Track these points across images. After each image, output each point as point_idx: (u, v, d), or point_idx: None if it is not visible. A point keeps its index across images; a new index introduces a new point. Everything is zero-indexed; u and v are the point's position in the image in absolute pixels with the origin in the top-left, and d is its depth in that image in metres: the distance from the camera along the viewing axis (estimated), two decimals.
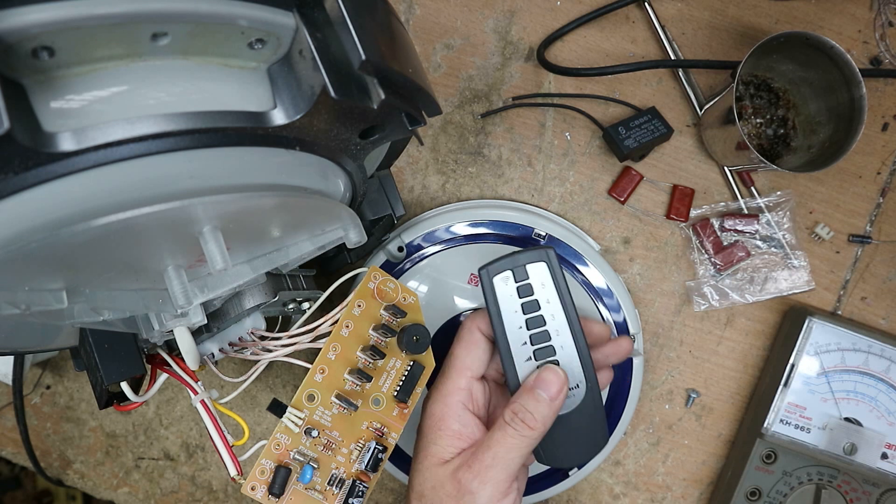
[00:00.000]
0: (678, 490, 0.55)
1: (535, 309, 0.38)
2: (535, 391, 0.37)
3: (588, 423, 0.39)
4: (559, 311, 0.38)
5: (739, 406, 0.54)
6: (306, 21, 0.25)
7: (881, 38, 0.53)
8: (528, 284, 0.38)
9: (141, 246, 0.26)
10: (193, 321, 0.33)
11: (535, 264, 0.38)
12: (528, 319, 0.38)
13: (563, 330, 0.38)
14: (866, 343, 0.51)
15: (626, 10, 0.52)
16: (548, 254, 0.38)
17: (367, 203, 0.42)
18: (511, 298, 0.38)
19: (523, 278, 0.38)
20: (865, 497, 0.51)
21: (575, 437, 0.40)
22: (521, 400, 0.37)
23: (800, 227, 0.53)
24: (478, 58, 0.52)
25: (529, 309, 0.38)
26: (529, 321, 0.38)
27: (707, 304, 0.53)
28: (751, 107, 0.52)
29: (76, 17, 0.20)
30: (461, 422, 0.39)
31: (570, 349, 0.38)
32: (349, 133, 0.28)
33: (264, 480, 0.36)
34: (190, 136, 0.23)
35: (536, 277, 0.38)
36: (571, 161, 0.53)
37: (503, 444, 0.37)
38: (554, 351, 0.38)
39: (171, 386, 0.54)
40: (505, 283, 0.38)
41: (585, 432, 0.40)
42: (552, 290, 0.38)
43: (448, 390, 0.39)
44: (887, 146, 0.53)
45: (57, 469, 0.55)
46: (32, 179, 0.21)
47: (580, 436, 0.40)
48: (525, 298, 0.38)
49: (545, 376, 0.37)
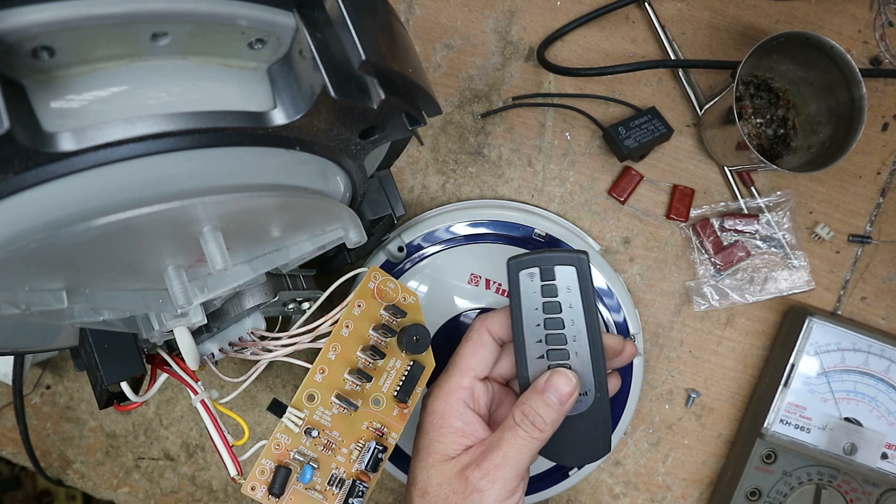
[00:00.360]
0: (678, 490, 0.55)
1: (557, 311, 0.38)
2: (546, 395, 0.37)
3: (592, 430, 0.39)
4: (580, 318, 0.38)
5: (739, 406, 0.54)
6: (306, 21, 0.25)
7: (881, 38, 0.53)
8: (553, 285, 0.38)
9: (141, 246, 0.26)
10: (193, 321, 0.33)
11: (564, 267, 0.38)
12: (547, 319, 0.38)
13: (580, 338, 0.38)
14: (866, 343, 0.51)
15: (626, 10, 0.52)
16: (580, 259, 0.38)
17: (367, 203, 0.42)
18: (534, 295, 0.38)
19: (550, 278, 0.38)
20: (865, 497, 0.51)
21: (576, 440, 0.40)
22: (531, 402, 0.37)
23: (800, 227, 0.53)
24: (478, 58, 0.52)
25: (550, 309, 0.38)
26: (548, 321, 0.38)
27: (707, 304, 0.53)
28: (751, 107, 0.52)
29: (76, 17, 0.20)
30: (463, 419, 0.39)
31: (585, 357, 0.38)
32: (349, 133, 0.28)
33: (264, 480, 0.36)
34: (190, 136, 0.23)
35: (563, 280, 0.38)
36: (571, 161, 0.53)
37: (513, 444, 0.37)
38: (568, 355, 0.38)
39: (171, 386, 0.54)
40: (530, 278, 0.38)
41: (588, 437, 0.40)
42: (577, 295, 0.38)
43: (450, 388, 0.40)
44: (887, 146, 0.53)
45: (57, 469, 0.55)
46: (32, 179, 0.21)
47: (582, 439, 0.40)
48: (547, 298, 0.38)
49: (557, 380, 0.37)
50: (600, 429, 0.40)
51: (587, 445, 0.40)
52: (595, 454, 0.40)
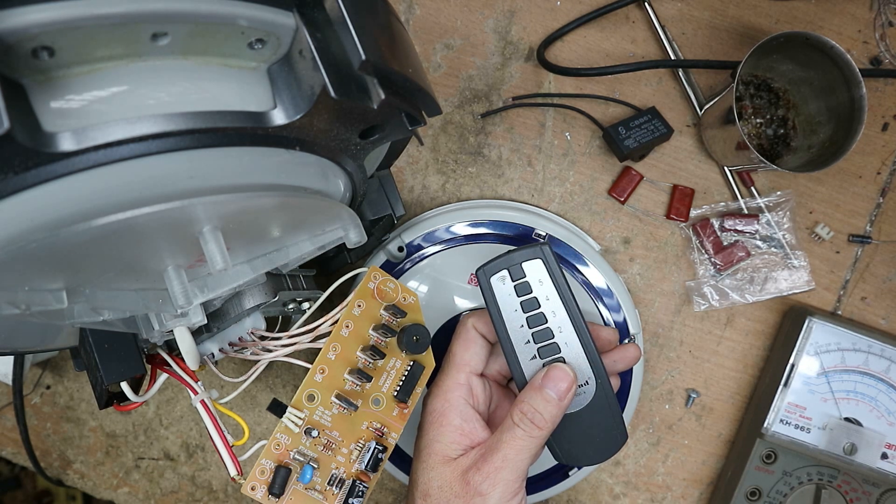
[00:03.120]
0: (678, 490, 0.55)
1: (535, 307, 0.38)
2: (544, 390, 0.37)
3: (603, 420, 0.39)
4: (559, 307, 0.38)
5: (739, 406, 0.54)
6: (306, 21, 0.25)
7: (881, 38, 0.53)
8: (525, 282, 0.38)
9: (141, 246, 0.26)
10: (193, 321, 0.33)
11: (530, 262, 0.38)
12: (529, 318, 0.38)
13: (565, 326, 0.38)
14: (866, 343, 0.51)
15: (626, 10, 0.52)
16: (542, 250, 0.38)
17: (367, 203, 0.42)
18: (510, 298, 0.38)
19: (520, 276, 0.38)
20: (865, 497, 0.51)
21: (591, 435, 0.39)
22: (529, 400, 0.37)
23: (800, 227, 0.53)
24: (478, 58, 0.52)
25: (529, 307, 0.38)
26: (530, 319, 0.38)
27: (707, 304, 0.53)
28: (751, 107, 0.52)
29: (76, 17, 0.20)
30: (462, 416, 0.39)
31: (575, 346, 0.38)
32: (349, 133, 0.28)
33: (264, 480, 0.36)
34: (190, 136, 0.23)
35: (533, 275, 0.38)
36: (571, 161, 0.53)
37: (512, 445, 0.37)
38: (559, 348, 0.38)
39: (171, 386, 0.54)
40: (502, 282, 0.38)
41: (602, 429, 0.39)
42: (550, 286, 0.38)
43: (448, 386, 0.40)
44: (887, 146, 0.53)
45: (57, 469, 0.55)
46: (32, 179, 0.21)
47: (597, 433, 0.39)
48: (523, 297, 0.38)
49: (553, 374, 0.37)
50: (611, 416, 0.39)
51: (604, 437, 0.39)
52: (614, 444, 0.39)
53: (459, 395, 0.39)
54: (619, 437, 0.39)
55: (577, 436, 0.39)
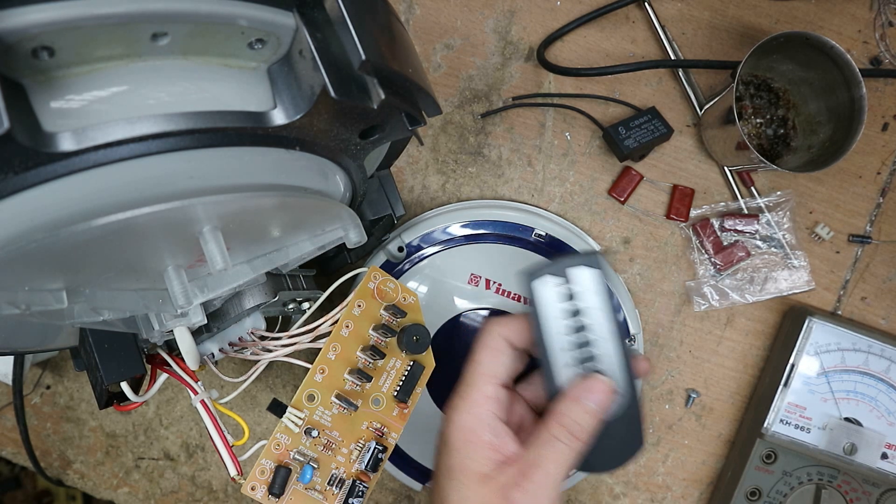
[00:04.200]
0: (678, 490, 0.55)
1: (576, 315, 0.37)
2: (584, 402, 0.36)
3: (625, 429, 0.38)
4: (601, 318, 0.37)
5: (739, 406, 0.54)
6: (306, 21, 0.25)
7: (881, 38, 0.53)
8: (569, 289, 0.37)
9: (141, 246, 0.26)
10: (193, 321, 0.33)
11: (578, 269, 0.37)
12: (570, 325, 0.37)
13: (605, 338, 0.37)
14: (866, 343, 0.51)
15: (626, 10, 0.52)
16: (594, 259, 0.37)
17: (367, 203, 0.42)
18: (553, 302, 0.37)
19: (567, 282, 0.37)
20: (865, 497, 0.51)
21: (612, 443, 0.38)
22: (567, 412, 0.36)
23: (800, 227, 0.53)
24: (478, 58, 0.52)
25: (571, 314, 0.37)
26: (570, 326, 0.37)
27: (707, 304, 0.53)
28: (751, 107, 0.52)
29: (76, 17, 0.20)
30: (493, 432, 0.37)
31: (612, 357, 0.37)
32: (349, 133, 0.28)
33: (264, 480, 0.36)
34: (190, 136, 0.23)
35: (579, 283, 0.37)
36: (571, 161, 0.53)
37: (554, 460, 0.35)
38: (595, 358, 0.37)
39: (171, 386, 0.54)
40: (547, 286, 0.37)
41: (622, 437, 0.38)
42: (596, 297, 0.37)
43: (475, 399, 0.37)
44: (887, 146, 0.53)
45: (57, 469, 0.55)
46: (32, 179, 0.21)
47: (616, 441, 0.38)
48: (566, 303, 0.37)
49: (594, 386, 0.36)
50: (634, 425, 0.38)
51: (623, 445, 0.39)
52: (631, 451, 0.39)
53: (489, 410, 0.37)
54: (637, 442, 0.39)
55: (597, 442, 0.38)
